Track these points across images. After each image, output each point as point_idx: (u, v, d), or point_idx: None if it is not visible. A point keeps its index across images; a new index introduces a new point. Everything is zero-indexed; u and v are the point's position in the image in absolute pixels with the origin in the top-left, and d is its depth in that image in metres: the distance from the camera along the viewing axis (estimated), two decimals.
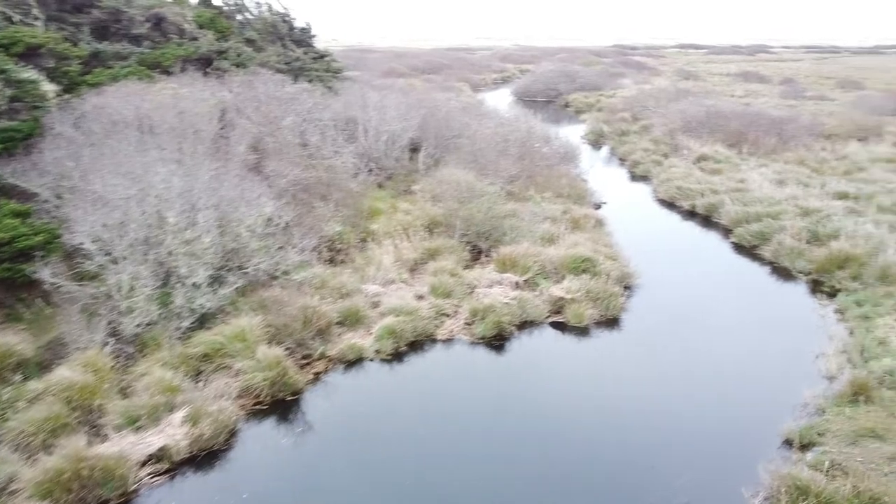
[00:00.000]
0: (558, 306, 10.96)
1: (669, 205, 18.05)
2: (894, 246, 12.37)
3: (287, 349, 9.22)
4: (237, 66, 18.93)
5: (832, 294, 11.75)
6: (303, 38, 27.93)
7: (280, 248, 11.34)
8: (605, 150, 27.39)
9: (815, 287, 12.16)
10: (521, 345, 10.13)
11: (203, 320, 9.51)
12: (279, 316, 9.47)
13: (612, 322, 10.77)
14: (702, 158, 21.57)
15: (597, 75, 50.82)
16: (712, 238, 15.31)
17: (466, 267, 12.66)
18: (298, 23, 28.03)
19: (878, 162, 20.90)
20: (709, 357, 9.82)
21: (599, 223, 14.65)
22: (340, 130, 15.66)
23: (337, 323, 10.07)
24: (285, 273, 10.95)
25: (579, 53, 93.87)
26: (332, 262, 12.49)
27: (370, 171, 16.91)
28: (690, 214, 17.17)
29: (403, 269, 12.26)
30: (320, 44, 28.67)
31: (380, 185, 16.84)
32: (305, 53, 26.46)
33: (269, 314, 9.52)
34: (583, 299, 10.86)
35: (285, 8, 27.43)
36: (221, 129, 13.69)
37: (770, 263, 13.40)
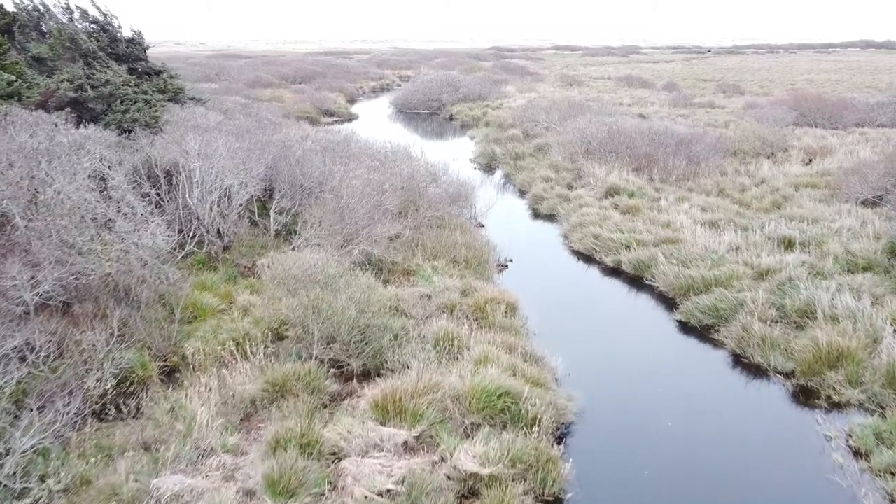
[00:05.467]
0: (471, 487, 7.11)
1: (588, 259, 14.72)
2: (890, 331, 9.47)
3: None
4: (8, 97, 13.82)
5: (832, 408, 8.66)
6: (130, 52, 22.61)
7: (10, 425, 6.82)
8: (499, 175, 24.08)
9: (806, 397, 9.03)
10: None
11: None
12: None
13: None
14: (612, 190, 18.55)
15: (480, 83, 47.87)
16: (651, 313, 12.02)
17: (331, 400, 8.62)
18: (135, 31, 22.70)
19: (800, 188, 18.68)
20: None
21: (511, 308, 10.95)
22: (143, 195, 11.07)
23: None
24: (12, 476, 6.44)
25: (458, 57, 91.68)
26: (118, 414, 8.05)
27: (199, 241, 12.41)
28: (615, 272, 13.88)
29: (232, 421, 8.02)
30: (185, 49, 23.62)
31: (212, 260, 12.38)
32: (132, 71, 21.28)
33: None
34: (506, 474, 7.07)
35: (106, 14, 21.94)
36: None
37: (735, 355, 10.21)
